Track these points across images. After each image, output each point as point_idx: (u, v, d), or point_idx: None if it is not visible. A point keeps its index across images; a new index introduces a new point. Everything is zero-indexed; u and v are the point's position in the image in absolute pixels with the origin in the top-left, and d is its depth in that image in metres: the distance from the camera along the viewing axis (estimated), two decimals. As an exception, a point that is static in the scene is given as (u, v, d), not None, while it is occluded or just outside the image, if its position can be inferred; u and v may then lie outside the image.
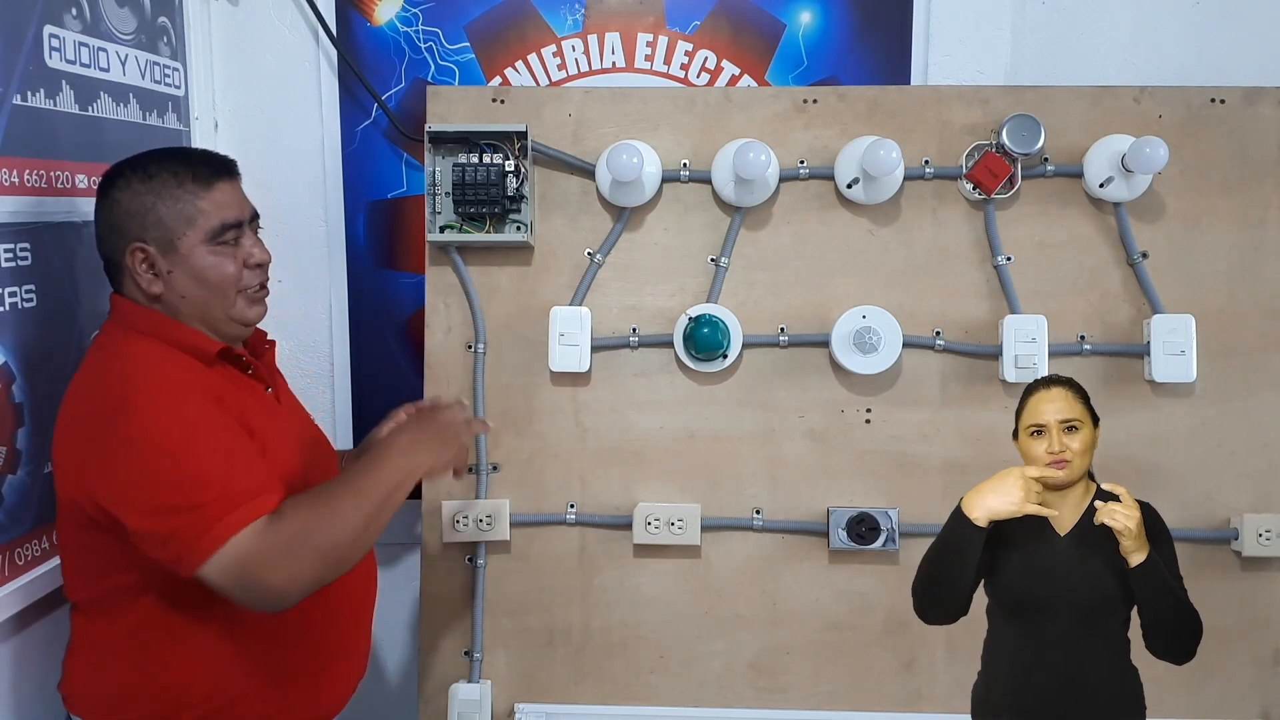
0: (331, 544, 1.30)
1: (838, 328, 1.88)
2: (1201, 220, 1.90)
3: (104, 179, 1.43)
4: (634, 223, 1.93)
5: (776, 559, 1.92)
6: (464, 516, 1.90)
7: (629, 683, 1.93)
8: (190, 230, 1.40)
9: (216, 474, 1.28)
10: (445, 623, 1.93)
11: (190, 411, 1.33)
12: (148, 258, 1.39)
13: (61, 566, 1.46)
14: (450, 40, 2.06)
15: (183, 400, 1.33)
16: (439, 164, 1.87)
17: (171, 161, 1.42)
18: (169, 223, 1.39)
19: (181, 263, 1.40)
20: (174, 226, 1.39)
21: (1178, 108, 1.89)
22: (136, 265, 1.40)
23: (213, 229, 1.41)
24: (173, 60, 1.93)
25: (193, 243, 1.40)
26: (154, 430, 1.29)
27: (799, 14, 2.04)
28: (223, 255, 1.43)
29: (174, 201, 1.39)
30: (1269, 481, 1.89)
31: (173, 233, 1.39)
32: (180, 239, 1.40)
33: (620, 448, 1.93)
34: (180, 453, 1.28)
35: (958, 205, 1.92)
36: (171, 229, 1.39)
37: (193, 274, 1.41)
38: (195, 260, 1.41)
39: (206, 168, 1.43)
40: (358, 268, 2.11)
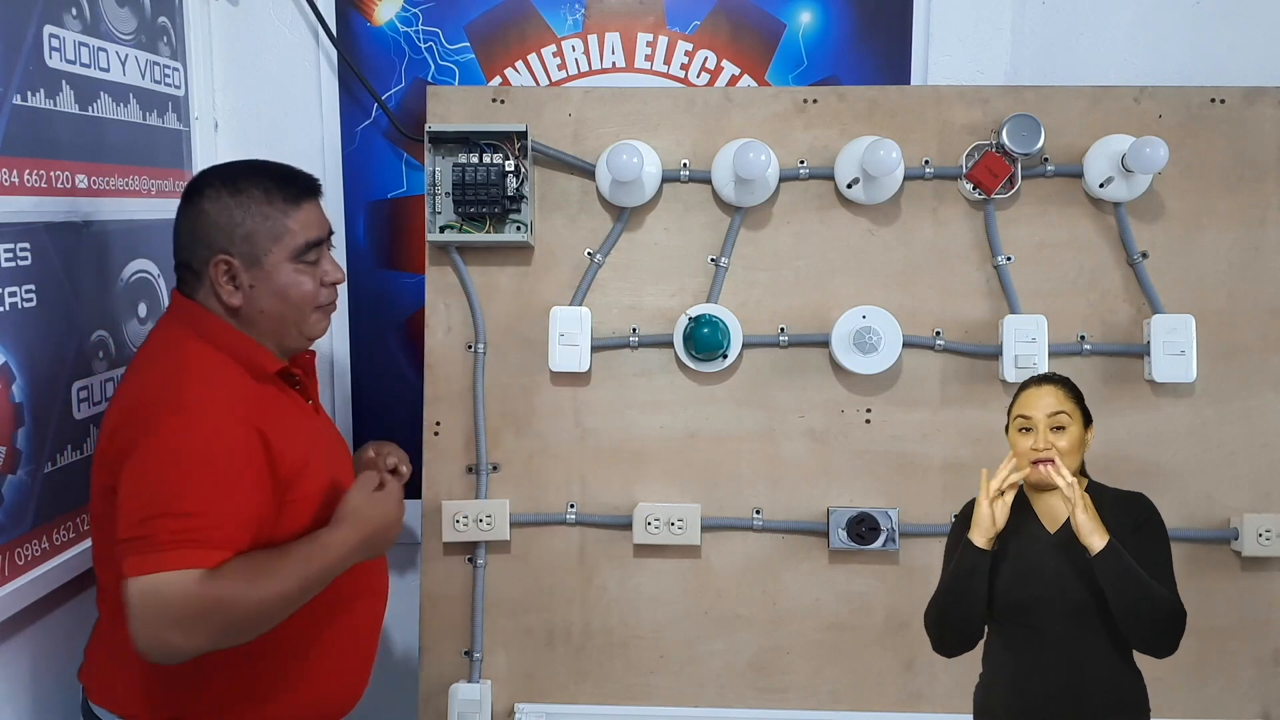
0: (251, 618, 1.31)
1: (838, 328, 1.88)
2: (1201, 220, 1.90)
3: (190, 187, 1.45)
4: (634, 223, 1.93)
5: (776, 559, 1.92)
6: (464, 516, 1.90)
7: (629, 683, 1.93)
8: (276, 247, 1.42)
9: (197, 507, 1.29)
10: (445, 623, 1.93)
11: (215, 439, 1.33)
12: (231, 270, 1.41)
13: (93, 549, 1.47)
14: (450, 40, 2.06)
15: (217, 425, 1.34)
16: (439, 164, 1.87)
17: (262, 177, 1.44)
18: (257, 238, 1.41)
19: (265, 279, 1.42)
20: (261, 243, 1.41)
21: (1177, 108, 1.89)
22: (219, 277, 1.41)
23: (298, 248, 1.44)
24: (173, 60, 1.93)
25: (278, 260, 1.43)
26: (176, 446, 1.31)
27: (799, 14, 2.04)
28: (304, 274, 1.45)
29: (263, 218, 1.41)
30: (1269, 481, 1.89)
31: (259, 249, 1.41)
32: (266, 255, 1.42)
33: (620, 448, 1.93)
34: (183, 476, 1.30)
35: (958, 205, 1.92)
36: (258, 245, 1.41)
37: (274, 290, 1.43)
38: (279, 277, 1.43)
39: (295, 186, 1.46)
40: (358, 268, 2.11)
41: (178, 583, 1.25)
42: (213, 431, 1.33)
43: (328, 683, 1.52)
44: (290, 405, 1.48)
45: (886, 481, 1.91)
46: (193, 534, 1.27)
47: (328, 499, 1.44)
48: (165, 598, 1.25)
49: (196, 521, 1.28)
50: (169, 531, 1.26)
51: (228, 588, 1.27)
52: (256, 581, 1.30)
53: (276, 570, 1.32)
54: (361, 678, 1.59)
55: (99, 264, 1.68)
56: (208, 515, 1.29)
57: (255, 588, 1.29)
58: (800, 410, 1.92)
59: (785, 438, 1.92)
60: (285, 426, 1.43)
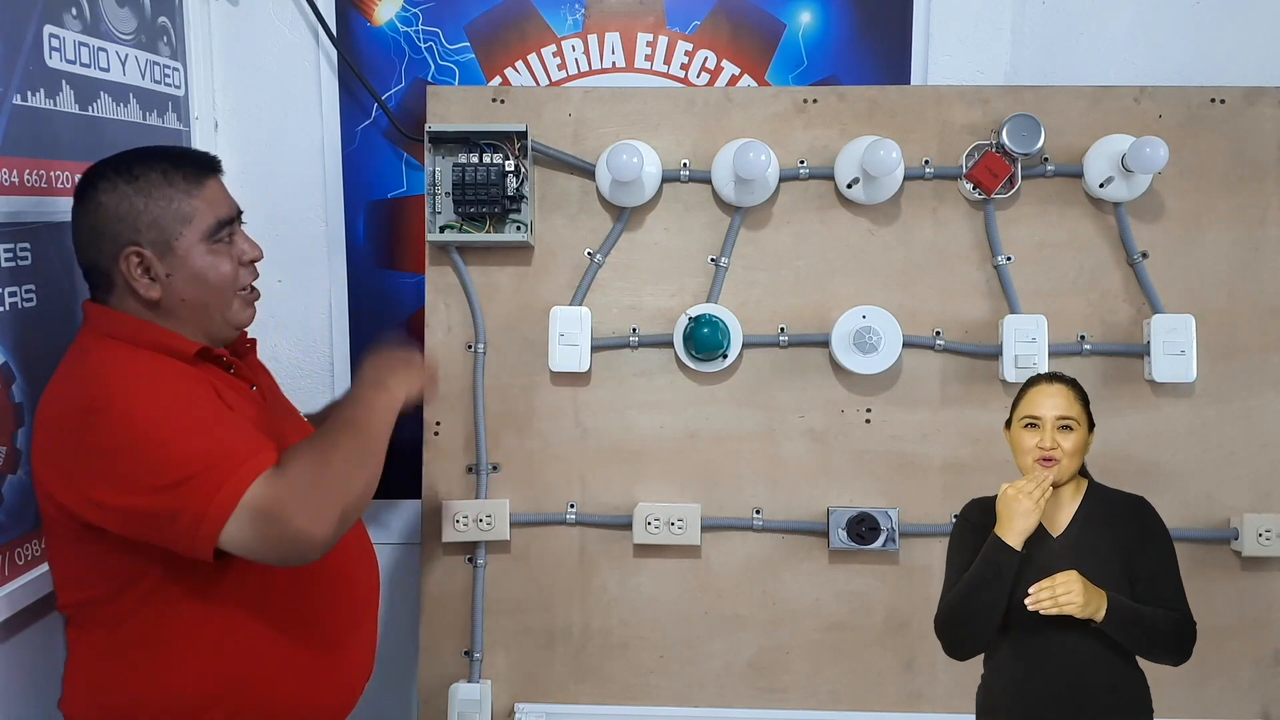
0: (342, 479, 1.28)
1: (838, 328, 1.88)
2: (1201, 220, 1.90)
3: (82, 182, 1.37)
4: (634, 223, 1.93)
5: (776, 559, 1.92)
6: (464, 516, 1.90)
7: (629, 683, 1.93)
8: (187, 229, 1.36)
9: (209, 444, 1.26)
10: (445, 623, 1.93)
11: (166, 395, 1.30)
12: (143, 261, 1.35)
13: (54, 580, 1.42)
14: (450, 40, 2.06)
15: (158, 385, 1.30)
16: (439, 164, 1.87)
17: (156, 160, 1.37)
18: (164, 223, 1.35)
19: (180, 264, 1.36)
20: (169, 227, 1.35)
21: (1177, 108, 1.89)
22: (132, 270, 1.34)
23: (209, 227, 1.38)
24: (173, 60, 1.93)
25: (190, 242, 1.36)
26: (137, 418, 1.26)
27: (799, 14, 2.04)
28: (219, 254, 1.40)
29: (167, 201, 1.35)
30: (1269, 481, 1.89)
31: (169, 233, 1.35)
32: (177, 239, 1.36)
33: (620, 448, 1.93)
34: (166, 435, 1.25)
35: (958, 205, 1.92)
36: (167, 229, 1.35)
37: (192, 275, 1.37)
38: (194, 260, 1.37)
39: (193, 165, 1.40)
40: (358, 268, 2.11)
41: (260, 492, 1.23)
42: (163, 391, 1.30)
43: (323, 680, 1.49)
44: (228, 388, 1.42)
45: (886, 481, 1.91)
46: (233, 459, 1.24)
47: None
48: (265, 509, 1.22)
49: (223, 452, 1.24)
50: (213, 474, 1.22)
51: (302, 461, 1.27)
52: (327, 445, 1.30)
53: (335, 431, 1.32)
54: (359, 676, 1.57)
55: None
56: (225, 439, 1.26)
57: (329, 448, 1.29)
58: (800, 410, 1.92)
59: (785, 438, 1.92)
60: (229, 402, 1.38)
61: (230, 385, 1.44)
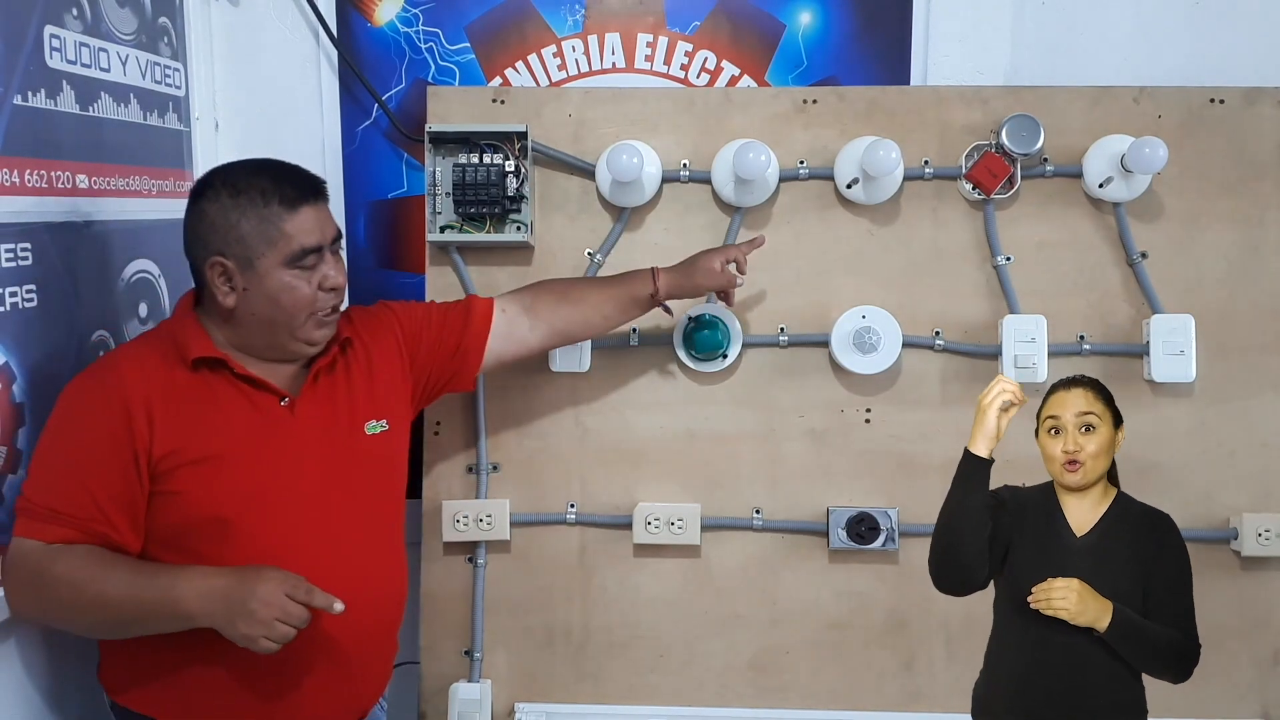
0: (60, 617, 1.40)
1: (838, 328, 1.88)
2: (1201, 220, 1.90)
3: (196, 186, 1.44)
4: (634, 223, 1.94)
5: (776, 559, 1.92)
6: (464, 516, 1.90)
7: (629, 682, 1.93)
8: (271, 251, 1.40)
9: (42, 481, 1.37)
10: (445, 623, 1.93)
11: (80, 421, 1.38)
12: (225, 272, 1.40)
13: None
14: (450, 40, 2.06)
15: (87, 407, 1.39)
16: (439, 164, 1.87)
17: (261, 178, 1.42)
18: (251, 241, 1.39)
19: (257, 282, 1.40)
20: (254, 245, 1.39)
21: (1177, 108, 1.89)
22: (214, 278, 1.40)
23: (292, 253, 1.41)
24: (173, 60, 1.93)
25: (271, 264, 1.40)
26: (51, 422, 1.39)
27: (799, 14, 2.04)
28: (299, 279, 1.42)
29: (258, 221, 1.39)
30: (1269, 481, 1.89)
31: (252, 251, 1.39)
32: (259, 259, 1.40)
33: (620, 448, 1.93)
34: (45, 450, 1.39)
35: (957, 205, 1.92)
36: (252, 248, 1.39)
37: (267, 294, 1.41)
38: (271, 281, 1.41)
39: (294, 189, 1.43)
40: (358, 268, 2.11)
41: (19, 549, 1.35)
42: (82, 416, 1.38)
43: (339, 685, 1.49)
44: (235, 399, 1.43)
45: (886, 481, 1.91)
46: (37, 510, 1.35)
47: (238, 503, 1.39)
48: (8, 562, 1.36)
49: (44, 497, 1.35)
50: (22, 503, 1.36)
51: (55, 570, 1.33)
52: (79, 584, 1.33)
53: (111, 574, 1.34)
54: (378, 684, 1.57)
55: (99, 264, 1.68)
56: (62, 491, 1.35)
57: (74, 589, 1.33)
58: (800, 410, 1.92)
59: (785, 438, 1.92)
60: (196, 415, 1.40)
61: (245, 395, 1.44)
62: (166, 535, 1.39)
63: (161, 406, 1.38)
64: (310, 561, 1.38)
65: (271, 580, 1.31)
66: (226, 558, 1.37)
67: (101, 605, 1.33)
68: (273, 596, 1.30)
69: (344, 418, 1.53)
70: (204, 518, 1.39)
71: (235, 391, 1.44)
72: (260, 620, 1.29)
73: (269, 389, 1.47)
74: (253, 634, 1.29)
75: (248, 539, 1.39)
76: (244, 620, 1.29)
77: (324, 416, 1.51)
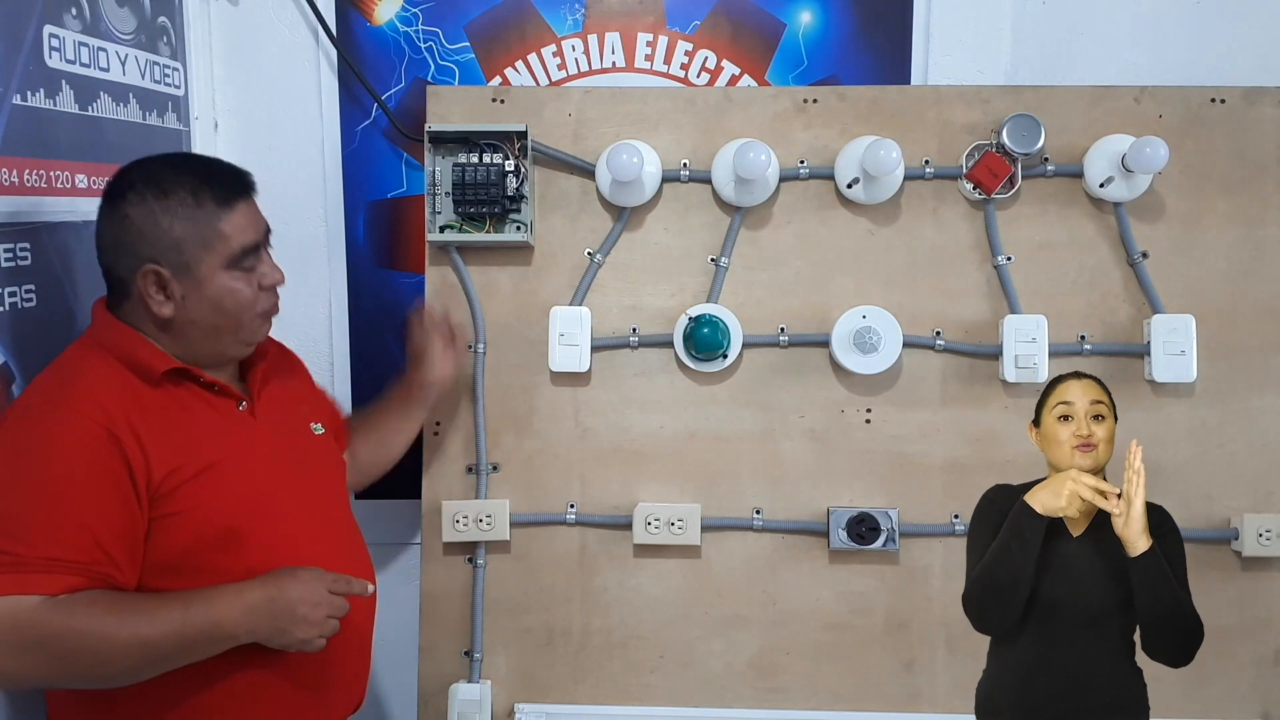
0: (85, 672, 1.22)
1: (838, 328, 1.88)
2: (1201, 220, 1.90)
3: (111, 188, 1.35)
4: (634, 223, 1.93)
5: (776, 559, 1.92)
6: (464, 516, 1.90)
7: (629, 683, 1.93)
8: (208, 255, 1.33)
9: (29, 528, 1.21)
10: (445, 623, 1.93)
11: (64, 459, 1.24)
12: (160, 280, 1.33)
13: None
14: (450, 40, 2.06)
15: (68, 442, 1.24)
16: (439, 164, 1.87)
17: (187, 175, 1.35)
18: (186, 246, 1.32)
19: (196, 288, 1.34)
20: (190, 250, 1.32)
21: (1178, 108, 1.89)
22: (148, 287, 1.33)
23: (232, 255, 1.35)
24: (173, 60, 1.93)
25: (210, 269, 1.34)
26: (15, 456, 1.23)
27: (799, 14, 2.04)
28: (239, 280, 1.37)
29: (192, 224, 1.32)
30: (1269, 481, 1.89)
31: (190, 257, 1.32)
32: (197, 264, 1.33)
33: (620, 448, 1.93)
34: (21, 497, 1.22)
35: (958, 205, 1.91)
36: (188, 253, 1.32)
37: (207, 299, 1.35)
38: (212, 286, 1.35)
39: (224, 186, 1.36)
40: (358, 268, 2.11)
41: (6, 610, 1.18)
42: (59, 449, 1.24)
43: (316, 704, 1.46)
44: (201, 409, 1.38)
45: (886, 481, 1.91)
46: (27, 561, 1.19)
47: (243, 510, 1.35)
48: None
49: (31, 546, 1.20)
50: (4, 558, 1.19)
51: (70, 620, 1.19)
52: (106, 629, 1.20)
53: (141, 614, 1.22)
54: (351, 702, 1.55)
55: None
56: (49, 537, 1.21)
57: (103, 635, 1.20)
58: (800, 410, 1.92)
59: (785, 438, 1.92)
60: (179, 430, 1.33)
61: (207, 403, 1.40)
62: (171, 560, 1.31)
63: (144, 427, 1.30)
64: (317, 562, 1.38)
65: (310, 580, 1.30)
66: (242, 569, 1.33)
67: (139, 648, 1.23)
68: (318, 595, 1.29)
69: (293, 420, 1.53)
70: (215, 531, 1.34)
71: (197, 400, 1.39)
72: (314, 622, 1.29)
73: (229, 394, 1.43)
74: (309, 636, 1.29)
75: (259, 547, 1.37)
76: (297, 626, 1.28)
77: (278, 418, 1.50)
